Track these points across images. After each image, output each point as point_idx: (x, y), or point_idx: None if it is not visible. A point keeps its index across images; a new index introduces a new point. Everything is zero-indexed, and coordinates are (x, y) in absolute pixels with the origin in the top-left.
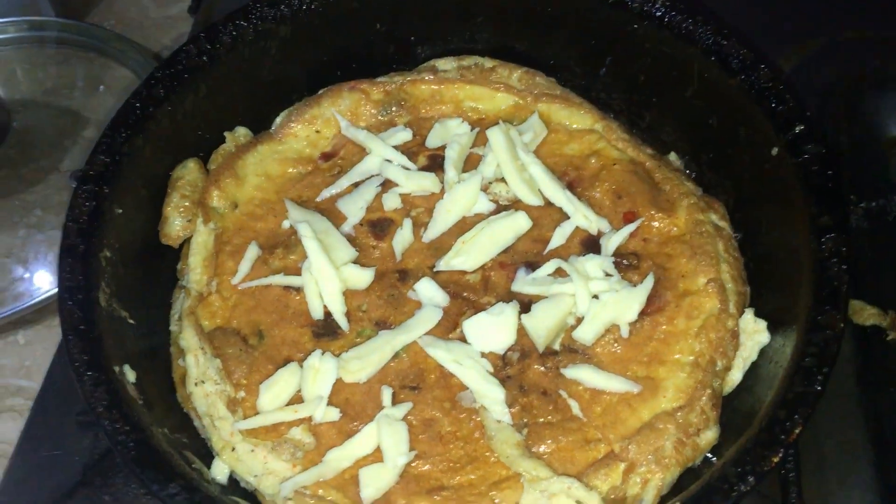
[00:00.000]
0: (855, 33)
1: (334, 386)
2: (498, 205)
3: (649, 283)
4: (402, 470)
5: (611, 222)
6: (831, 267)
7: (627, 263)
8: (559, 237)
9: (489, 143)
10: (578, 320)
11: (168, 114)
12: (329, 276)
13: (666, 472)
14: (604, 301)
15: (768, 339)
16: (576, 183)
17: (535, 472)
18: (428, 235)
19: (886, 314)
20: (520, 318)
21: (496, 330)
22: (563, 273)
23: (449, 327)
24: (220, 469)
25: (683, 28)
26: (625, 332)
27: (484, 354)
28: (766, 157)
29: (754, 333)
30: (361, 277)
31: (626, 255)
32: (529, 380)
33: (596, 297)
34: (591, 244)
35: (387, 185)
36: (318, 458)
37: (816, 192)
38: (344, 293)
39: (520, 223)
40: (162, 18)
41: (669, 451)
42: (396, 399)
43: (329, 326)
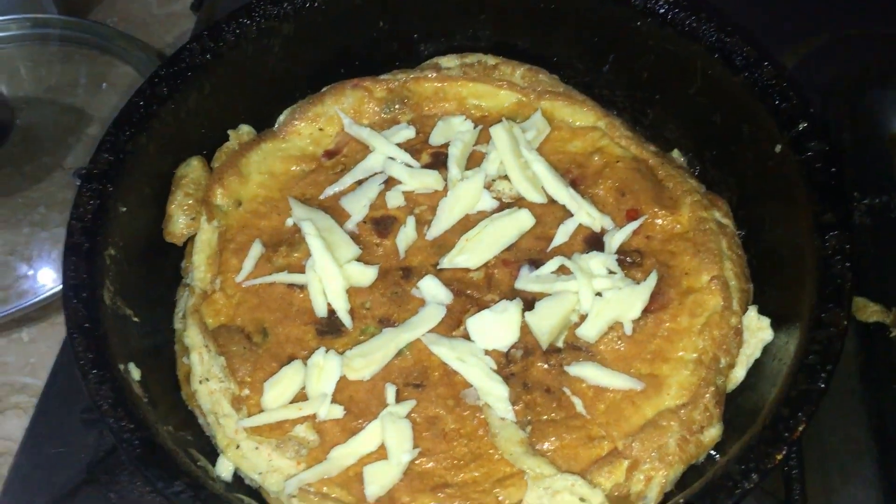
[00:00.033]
0: (857, 30)
1: (338, 383)
2: (501, 202)
3: (652, 280)
4: (406, 467)
5: (614, 220)
6: (835, 264)
7: (631, 261)
8: (562, 235)
9: (492, 140)
10: (582, 318)
11: (172, 112)
12: (332, 274)
13: (669, 469)
14: (607, 298)
15: (772, 336)
16: (579, 180)
17: (538, 470)
18: (431, 233)
19: (889, 311)
20: (523, 316)
21: (500, 327)
22: (566, 270)
23: (452, 325)
24: (225, 466)
25: (687, 25)
26: (628, 329)
27: (487, 352)
28: (769, 155)
29: (758, 331)
30: (365, 275)
31: (629, 253)
32: (533, 377)
33: (599, 294)
34: (594, 242)
35: (390, 182)
36: (322, 456)
37: (820, 189)
38: (347, 291)
39: (523, 221)
40: (165, 16)
41: (673, 449)
42: (400, 396)
43: (333, 324)
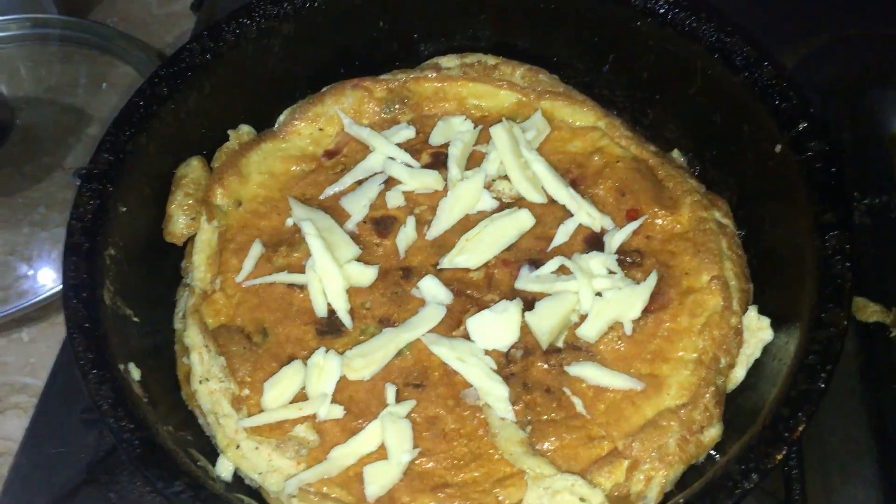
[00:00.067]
0: (857, 30)
1: (338, 383)
2: (501, 202)
3: (652, 280)
4: (406, 467)
5: (614, 220)
6: (835, 264)
7: (631, 261)
8: (562, 235)
9: (492, 140)
10: (582, 318)
11: (172, 112)
12: (333, 274)
13: (669, 469)
14: (607, 298)
15: (772, 336)
16: (579, 180)
17: (538, 470)
18: (431, 233)
19: (889, 311)
20: (523, 316)
21: (500, 327)
22: (566, 270)
23: (452, 325)
24: (225, 466)
25: (687, 25)
26: (628, 329)
27: (487, 352)
28: (769, 155)
29: (758, 331)
30: (365, 275)
31: (629, 253)
32: (533, 377)
33: (599, 294)
34: (594, 242)
35: (390, 182)
36: (322, 456)
37: (820, 190)
38: (347, 291)
39: (523, 221)
40: (165, 16)
41: (673, 449)
42: (400, 396)
43: (333, 324)
